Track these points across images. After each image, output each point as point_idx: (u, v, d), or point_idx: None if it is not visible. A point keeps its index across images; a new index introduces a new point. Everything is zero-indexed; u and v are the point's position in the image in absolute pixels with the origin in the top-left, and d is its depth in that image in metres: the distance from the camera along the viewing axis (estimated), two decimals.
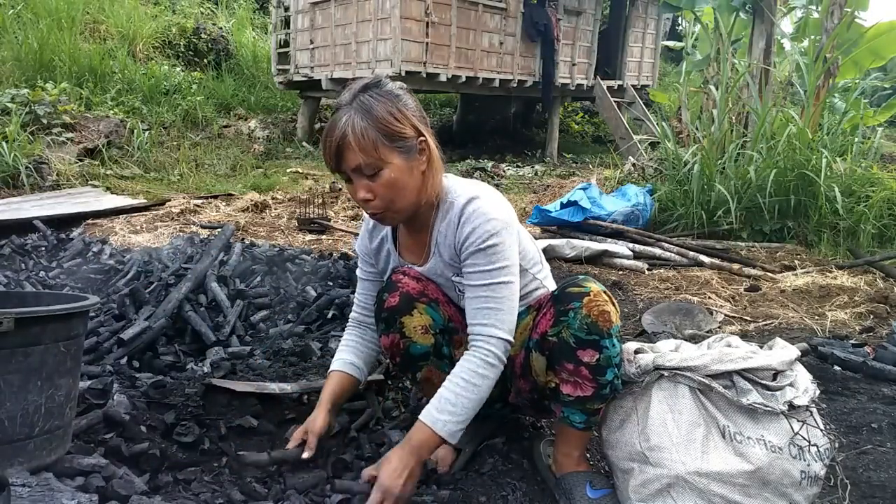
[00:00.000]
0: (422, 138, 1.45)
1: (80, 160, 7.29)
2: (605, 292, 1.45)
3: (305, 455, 1.54)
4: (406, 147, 1.42)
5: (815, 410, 1.44)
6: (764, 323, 3.18)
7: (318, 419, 1.58)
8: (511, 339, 1.46)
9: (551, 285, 1.66)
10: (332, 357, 1.76)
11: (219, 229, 4.27)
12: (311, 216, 5.48)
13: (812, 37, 7.53)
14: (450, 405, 1.42)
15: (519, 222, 1.59)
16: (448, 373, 1.67)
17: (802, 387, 1.43)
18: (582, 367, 1.43)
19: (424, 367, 1.63)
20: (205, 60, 11.44)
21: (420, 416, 1.44)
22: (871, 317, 3.25)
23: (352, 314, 1.78)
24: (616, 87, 11.89)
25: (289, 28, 10.79)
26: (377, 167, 1.40)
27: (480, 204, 1.46)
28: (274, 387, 1.83)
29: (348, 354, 1.71)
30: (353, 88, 1.44)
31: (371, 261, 1.71)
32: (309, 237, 5.11)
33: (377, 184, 1.42)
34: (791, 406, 1.39)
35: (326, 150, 1.42)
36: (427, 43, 9.12)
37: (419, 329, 1.56)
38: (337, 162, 1.42)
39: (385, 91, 1.43)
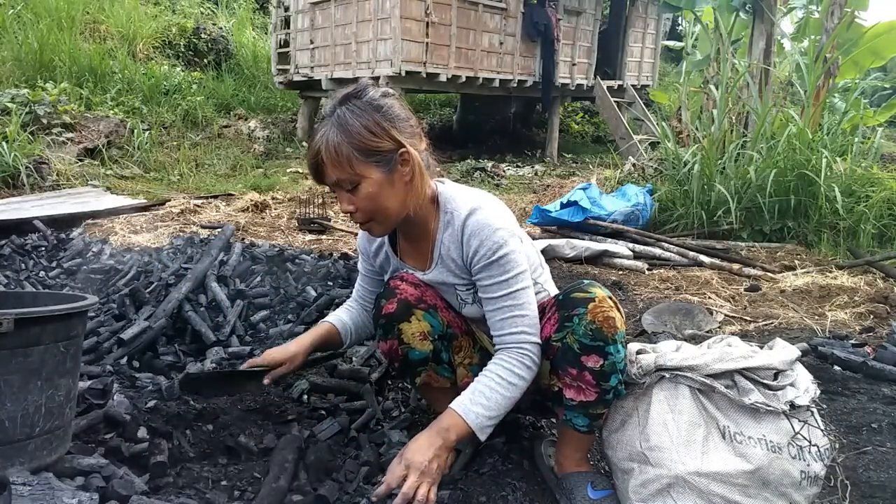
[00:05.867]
0: (402, 150, 1.41)
1: (80, 160, 7.29)
2: (610, 298, 1.44)
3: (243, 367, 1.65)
4: (383, 160, 1.40)
5: (815, 410, 1.44)
6: (764, 323, 3.18)
7: (276, 350, 1.66)
8: (539, 340, 1.47)
9: (552, 289, 1.66)
10: (332, 356, 1.77)
11: (219, 229, 4.27)
12: (311, 216, 5.49)
13: (812, 37, 7.55)
14: (483, 398, 1.41)
15: (519, 226, 1.59)
16: (448, 377, 1.67)
17: (803, 387, 1.43)
18: (586, 372, 1.42)
19: (424, 372, 1.63)
20: (205, 60, 11.44)
21: (450, 405, 1.42)
22: (871, 317, 3.25)
23: (352, 295, 1.83)
24: (616, 87, 11.89)
25: (289, 28, 10.79)
26: (355, 182, 1.40)
27: (484, 215, 1.45)
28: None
29: (344, 314, 1.78)
30: (335, 99, 1.43)
31: (370, 260, 1.73)
32: (309, 237, 5.11)
33: (357, 197, 1.42)
34: (792, 406, 1.39)
35: (308, 166, 1.45)
36: (427, 43, 9.12)
37: (417, 335, 1.56)
38: (317, 177, 1.44)
39: (365, 102, 1.40)
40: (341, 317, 1.77)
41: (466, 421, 1.39)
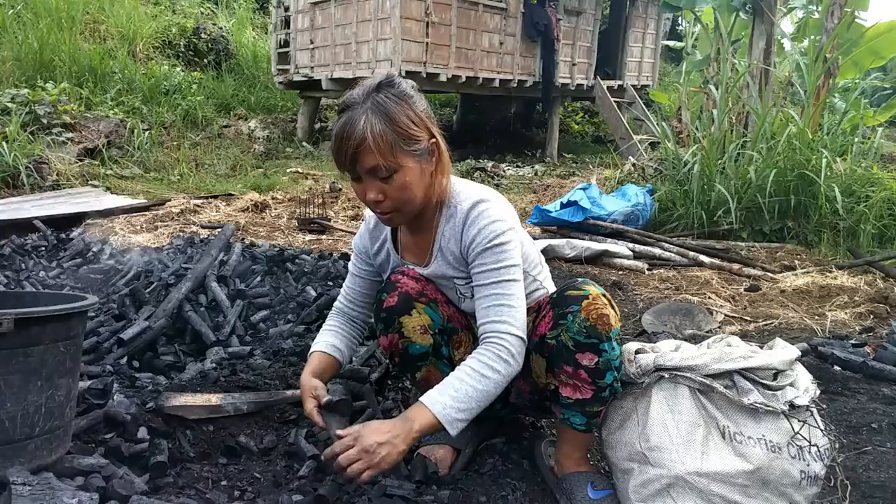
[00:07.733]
0: (433, 140, 1.44)
1: (80, 160, 7.29)
2: (604, 295, 1.44)
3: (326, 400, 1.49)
4: (420, 150, 1.41)
5: (815, 410, 1.44)
6: (764, 323, 3.18)
7: (317, 387, 1.52)
8: (525, 336, 1.42)
9: (551, 287, 1.66)
10: None
11: (219, 229, 4.27)
12: (311, 216, 5.49)
13: (812, 37, 7.54)
14: (452, 390, 1.37)
15: (521, 225, 1.59)
16: (448, 373, 1.67)
17: (803, 387, 1.43)
18: (581, 370, 1.42)
19: (424, 367, 1.62)
20: (205, 60, 11.44)
21: (420, 398, 1.39)
22: (871, 317, 3.25)
23: (335, 304, 1.77)
24: (616, 87, 11.89)
25: (289, 28, 10.79)
26: (392, 170, 1.38)
27: (486, 207, 1.46)
28: (229, 408, 1.76)
29: (330, 337, 1.69)
30: (367, 86, 1.40)
31: (367, 259, 1.71)
32: (309, 237, 5.11)
33: (390, 186, 1.40)
34: (792, 406, 1.39)
35: (342, 151, 1.37)
36: (427, 43, 9.12)
37: (418, 329, 1.56)
38: (352, 163, 1.38)
39: (400, 92, 1.40)
40: (332, 342, 1.67)
41: (433, 412, 1.35)
